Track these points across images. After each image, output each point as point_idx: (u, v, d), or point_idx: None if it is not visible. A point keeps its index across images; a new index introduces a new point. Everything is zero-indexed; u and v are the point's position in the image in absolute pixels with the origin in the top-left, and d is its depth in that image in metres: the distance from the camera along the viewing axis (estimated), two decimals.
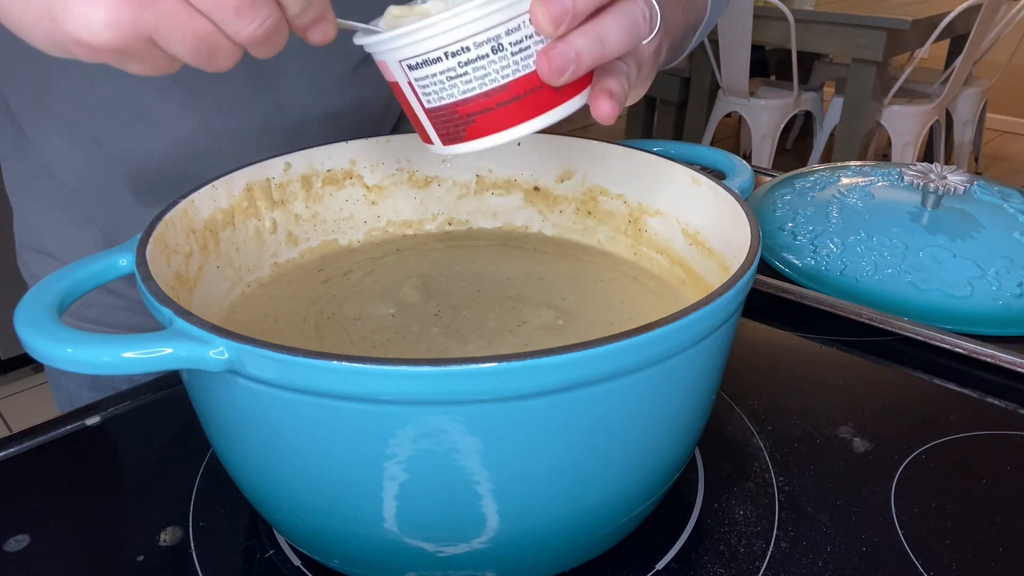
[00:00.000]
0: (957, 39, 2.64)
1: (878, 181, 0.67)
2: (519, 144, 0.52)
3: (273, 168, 0.47)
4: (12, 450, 0.46)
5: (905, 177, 0.64)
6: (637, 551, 0.39)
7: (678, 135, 2.93)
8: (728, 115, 2.75)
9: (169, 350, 0.29)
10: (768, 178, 0.76)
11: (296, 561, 0.39)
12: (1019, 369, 0.52)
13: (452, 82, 0.32)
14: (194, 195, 0.42)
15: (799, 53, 2.45)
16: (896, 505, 0.42)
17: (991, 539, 0.40)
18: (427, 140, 0.35)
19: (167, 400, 0.50)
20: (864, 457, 0.46)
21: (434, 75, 0.32)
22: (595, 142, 0.51)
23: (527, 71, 0.32)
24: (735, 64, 2.50)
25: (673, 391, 0.33)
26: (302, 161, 0.49)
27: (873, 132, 2.59)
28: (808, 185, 0.70)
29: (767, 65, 3.13)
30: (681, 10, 0.47)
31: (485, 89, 0.32)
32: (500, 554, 0.34)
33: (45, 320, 0.30)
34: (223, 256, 0.45)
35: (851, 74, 2.41)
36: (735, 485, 0.43)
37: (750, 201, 0.70)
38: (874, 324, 0.56)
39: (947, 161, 2.98)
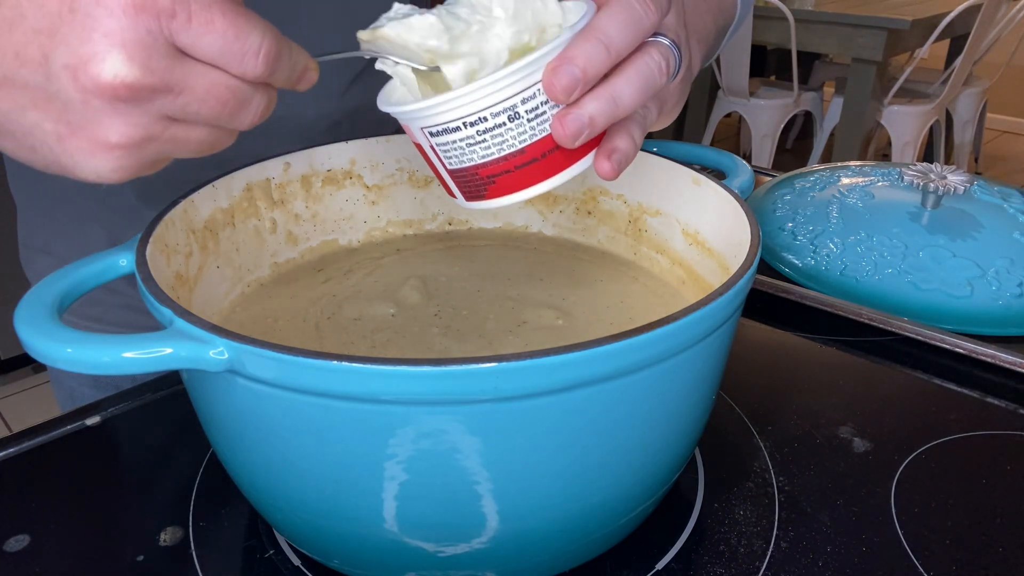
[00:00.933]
0: (957, 39, 2.64)
1: (878, 181, 0.67)
2: None
3: (273, 168, 0.47)
4: (12, 450, 0.46)
5: (905, 177, 0.64)
6: (637, 551, 0.39)
7: (678, 135, 2.92)
8: (728, 115, 2.75)
9: (169, 350, 0.29)
10: (768, 178, 0.76)
11: (296, 561, 0.39)
12: (1019, 369, 0.52)
13: (472, 148, 0.33)
14: (194, 195, 0.42)
15: (799, 53, 2.45)
16: (896, 505, 0.42)
17: (991, 539, 0.40)
18: (451, 195, 0.37)
19: (167, 400, 0.50)
20: (864, 457, 0.46)
21: (454, 142, 0.33)
22: None
23: (543, 135, 0.33)
24: (735, 64, 2.50)
25: (673, 391, 0.33)
26: (302, 161, 0.49)
27: (873, 132, 2.59)
28: (808, 185, 0.70)
29: (766, 65, 3.12)
30: (711, 17, 0.47)
31: (503, 154, 0.33)
32: (500, 554, 0.34)
33: (45, 320, 0.30)
34: (223, 256, 0.45)
35: (851, 74, 2.41)
36: (735, 485, 0.43)
37: (750, 201, 0.70)
38: (874, 324, 0.56)
39: (947, 161, 2.98)
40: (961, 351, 0.54)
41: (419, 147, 0.35)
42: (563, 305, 0.46)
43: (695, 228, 0.46)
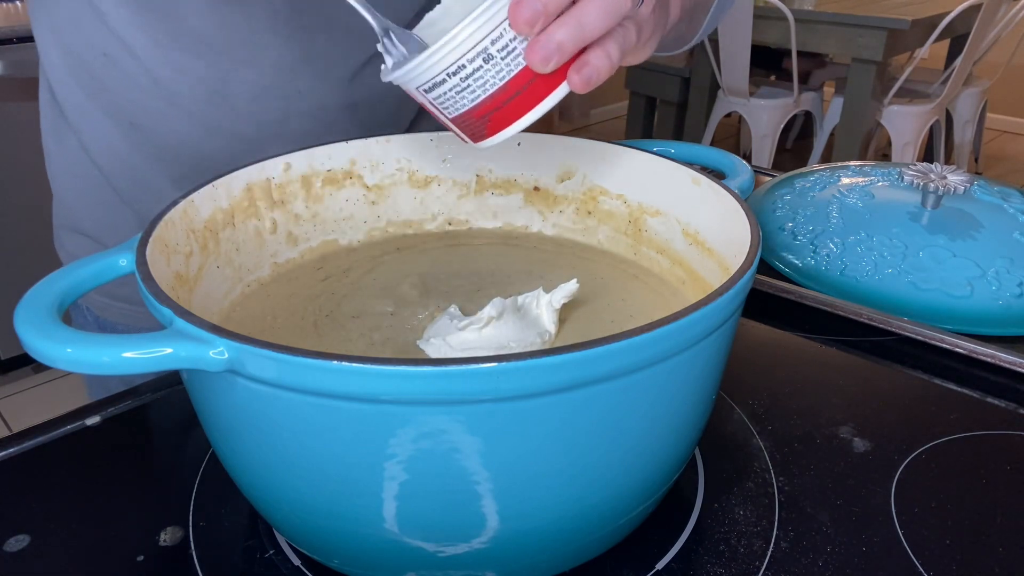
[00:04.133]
0: (957, 39, 2.64)
1: (878, 181, 0.67)
2: (519, 144, 0.52)
3: (273, 168, 0.47)
4: (12, 450, 0.46)
5: (905, 177, 0.64)
6: (637, 551, 0.39)
7: (678, 135, 2.92)
8: (728, 115, 2.75)
9: (169, 350, 0.29)
10: (768, 178, 0.76)
11: (296, 561, 0.39)
12: (1019, 369, 0.52)
13: (461, 94, 0.36)
14: (194, 195, 0.42)
15: (807, 53, 2.45)
16: (896, 505, 0.42)
17: (991, 539, 0.40)
18: (463, 140, 0.40)
19: (167, 400, 0.50)
20: (864, 457, 0.46)
21: (445, 92, 0.36)
22: (595, 142, 0.51)
23: (520, 68, 0.36)
24: (735, 64, 2.50)
25: (673, 391, 0.33)
26: (302, 161, 0.49)
27: (873, 132, 2.59)
28: (808, 185, 0.70)
29: (780, 62, 3.07)
30: None
31: (488, 93, 0.36)
32: (500, 554, 0.34)
33: (45, 320, 0.30)
34: (223, 256, 0.45)
35: (851, 74, 2.41)
36: (735, 485, 0.43)
37: (750, 201, 0.70)
38: (874, 324, 0.56)
39: (947, 161, 2.97)
40: (961, 351, 0.54)
41: (423, 106, 0.38)
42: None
43: (695, 228, 0.46)
